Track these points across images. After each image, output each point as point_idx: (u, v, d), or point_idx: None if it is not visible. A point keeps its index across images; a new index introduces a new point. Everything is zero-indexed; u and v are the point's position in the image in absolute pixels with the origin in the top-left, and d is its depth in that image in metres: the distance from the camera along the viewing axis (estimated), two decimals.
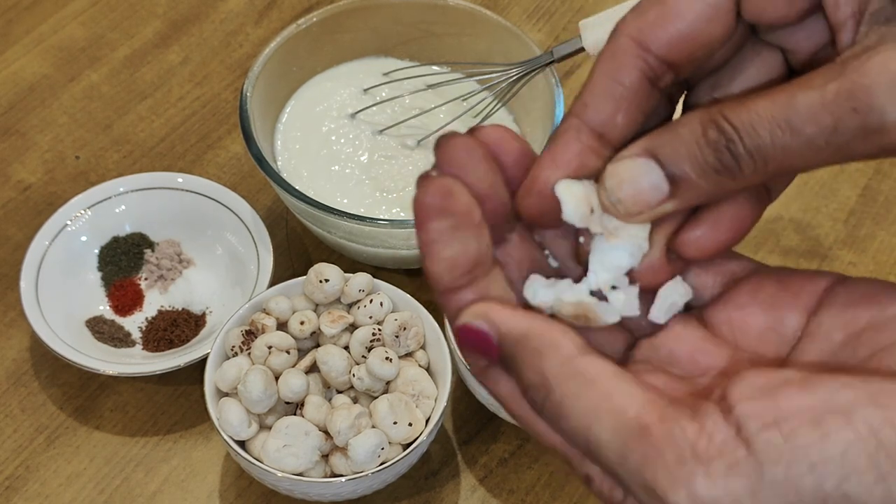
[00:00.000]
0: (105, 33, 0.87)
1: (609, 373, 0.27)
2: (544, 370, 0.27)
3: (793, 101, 0.26)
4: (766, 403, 0.25)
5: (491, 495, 0.64)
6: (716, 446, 0.24)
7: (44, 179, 0.78)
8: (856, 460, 0.23)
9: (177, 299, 0.71)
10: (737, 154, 0.27)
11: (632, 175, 0.29)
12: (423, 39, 0.78)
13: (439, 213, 0.29)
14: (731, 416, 0.25)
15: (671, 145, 0.29)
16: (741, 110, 0.27)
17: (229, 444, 0.58)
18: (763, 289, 0.31)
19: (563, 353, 0.27)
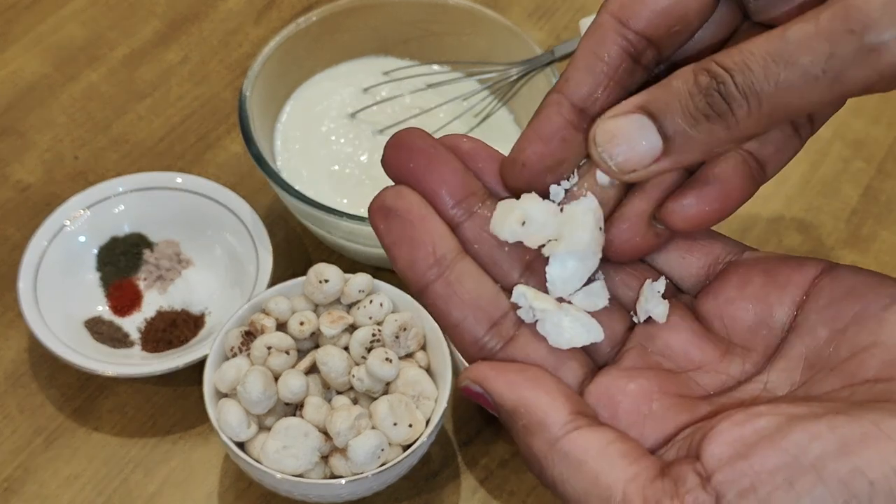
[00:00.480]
0: (104, 33, 0.87)
1: (595, 451, 0.28)
2: (534, 450, 0.29)
3: (786, 34, 0.26)
4: (740, 467, 0.26)
5: (491, 497, 0.64)
6: None
7: (42, 179, 0.78)
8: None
9: (176, 300, 0.70)
10: (728, 95, 0.27)
11: (624, 131, 0.29)
12: (424, 39, 0.78)
13: (387, 212, 0.30)
14: (709, 486, 0.26)
15: (664, 98, 0.28)
16: (733, 52, 0.27)
17: (228, 446, 0.58)
18: (751, 281, 0.31)
19: (551, 434, 0.28)
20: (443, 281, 0.30)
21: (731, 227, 0.75)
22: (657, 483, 0.26)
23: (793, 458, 0.25)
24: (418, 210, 0.31)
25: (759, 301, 0.31)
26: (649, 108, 0.29)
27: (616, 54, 0.30)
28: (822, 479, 0.25)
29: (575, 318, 0.31)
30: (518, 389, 0.29)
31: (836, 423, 0.25)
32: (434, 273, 0.30)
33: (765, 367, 0.30)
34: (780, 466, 0.25)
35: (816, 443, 0.25)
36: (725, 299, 0.32)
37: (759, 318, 0.31)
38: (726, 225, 0.73)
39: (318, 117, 0.76)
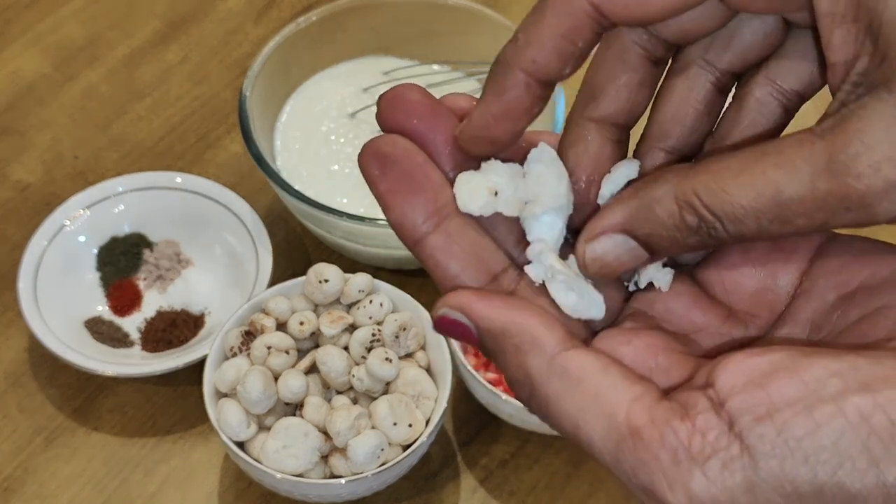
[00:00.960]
0: (104, 32, 0.87)
1: (595, 369, 0.27)
2: (527, 368, 0.27)
3: (779, 197, 0.26)
4: (756, 395, 0.25)
5: (491, 497, 0.64)
6: (710, 444, 0.24)
7: (42, 179, 0.78)
8: (849, 448, 0.23)
9: (176, 300, 0.70)
10: (719, 237, 0.27)
11: (611, 254, 0.29)
12: (424, 38, 0.78)
13: (380, 158, 0.29)
14: (722, 411, 0.25)
15: (649, 226, 0.28)
16: (719, 198, 0.27)
17: (228, 445, 0.58)
18: (755, 248, 0.31)
19: (546, 351, 0.27)
20: (441, 232, 0.29)
21: None
22: (664, 403, 0.25)
23: (812, 390, 0.24)
24: (417, 157, 0.29)
25: (762, 267, 0.31)
26: (633, 231, 0.29)
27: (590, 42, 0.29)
28: (842, 411, 0.24)
29: (582, 289, 0.30)
30: (506, 312, 0.28)
31: (857, 363, 0.25)
32: (432, 224, 0.29)
33: (769, 333, 0.30)
34: (797, 396, 0.24)
35: (836, 378, 0.24)
36: (728, 265, 0.31)
37: (763, 284, 0.31)
38: None
39: (317, 117, 0.76)
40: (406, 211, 0.29)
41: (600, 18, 0.29)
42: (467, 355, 0.64)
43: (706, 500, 0.24)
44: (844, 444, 0.23)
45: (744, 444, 0.24)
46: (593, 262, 0.30)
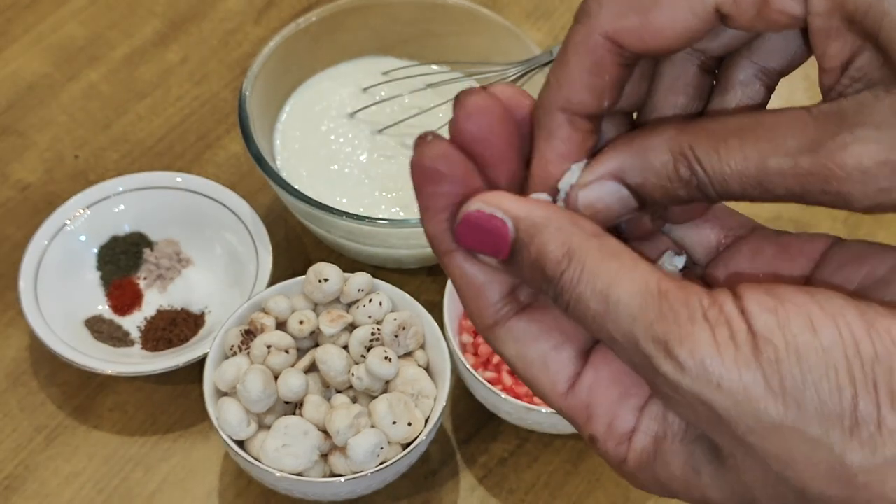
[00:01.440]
0: (104, 32, 0.87)
1: (631, 253, 0.28)
2: (571, 242, 0.28)
3: (765, 165, 0.27)
4: (770, 295, 0.26)
5: (490, 495, 0.64)
6: (724, 317, 0.26)
7: (43, 179, 0.78)
8: (836, 358, 0.25)
9: (176, 299, 0.71)
10: (707, 193, 0.29)
11: (603, 200, 0.30)
12: (423, 39, 0.78)
13: (436, 177, 0.29)
14: (738, 300, 0.26)
15: (641, 173, 0.29)
16: (713, 157, 0.28)
17: (228, 444, 0.58)
18: (761, 252, 0.32)
19: (587, 230, 0.28)
20: None
21: None
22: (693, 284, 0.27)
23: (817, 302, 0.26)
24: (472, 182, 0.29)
25: (769, 270, 0.31)
26: (626, 178, 0.30)
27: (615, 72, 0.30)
28: (837, 325, 0.25)
29: None
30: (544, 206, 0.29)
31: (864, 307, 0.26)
32: None
33: None
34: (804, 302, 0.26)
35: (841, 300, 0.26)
36: (735, 267, 0.32)
37: None
38: None
39: (317, 117, 0.76)
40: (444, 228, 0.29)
41: (619, 50, 0.30)
42: (466, 354, 0.65)
43: (707, 362, 0.26)
44: (833, 354, 0.25)
45: (751, 326, 0.25)
46: (586, 208, 0.30)
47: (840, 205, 0.27)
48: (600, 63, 0.30)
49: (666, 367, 0.26)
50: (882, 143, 0.26)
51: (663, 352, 0.26)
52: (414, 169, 0.29)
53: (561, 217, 0.28)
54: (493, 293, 0.30)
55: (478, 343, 0.66)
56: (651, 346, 0.26)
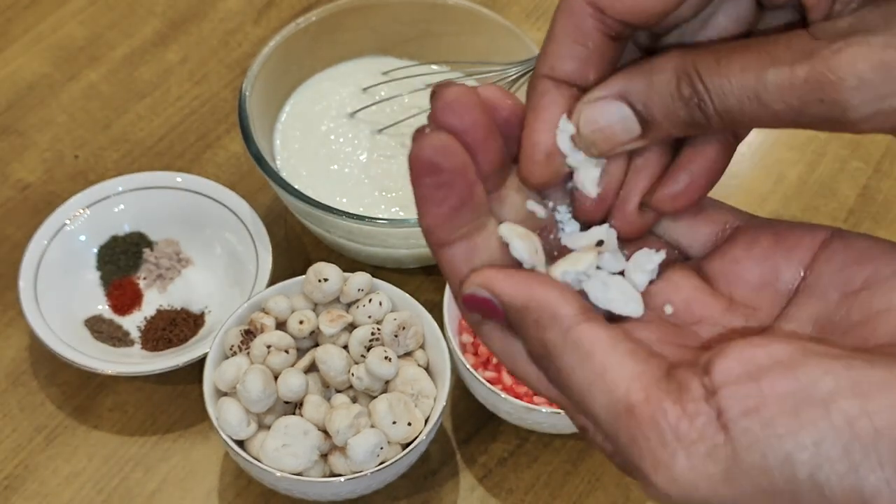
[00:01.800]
0: (104, 32, 0.87)
1: (604, 343, 0.28)
2: (545, 342, 0.28)
3: (763, 76, 0.27)
4: (748, 388, 0.25)
5: (490, 495, 0.64)
6: (696, 430, 0.25)
7: (42, 179, 0.78)
8: (829, 451, 0.24)
9: (176, 299, 0.71)
10: (707, 113, 0.29)
11: (605, 118, 0.30)
12: (422, 38, 0.78)
13: (434, 169, 0.29)
14: (713, 399, 0.25)
15: (645, 93, 0.30)
16: (714, 72, 0.28)
17: (228, 444, 0.58)
18: (758, 242, 0.32)
19: (562, 325, 0.28)
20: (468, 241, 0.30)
21: None
22: (661, 384, 0.26)
23: (803, 387, 0.25)
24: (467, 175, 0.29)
25: (765, 261, 0.31)
26: (630, 98, 0.30)
27: (598, 39, 0.30)
28: (828, 414, 0.24)
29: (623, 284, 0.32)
30: (527, 287, 0.29)
31: (852, 364, 0.25)
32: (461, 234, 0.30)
33: (770, 328, 0.30)
34: (788, 393, 0.25)
35: (829, 378, 0.25)
36: (731, 259, 0.32)
37: (765, 278, 0.31)
38: None
39: (317, 117, 0.76)
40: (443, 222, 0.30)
41: (601, 17, 0.30)
42: (466, 354, 0.65)
43: (686, 485, 0.25)
44: (826, 446, 0.24)
45: (728, 434, 0.25)
46: (589, 130, 0.30)
47: (838, 118, 0.27)
48: (582, 29, 0.30)
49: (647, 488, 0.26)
50: (874, 46, 0.26)
51: (642, 478, 0.26)
52: (412, 161, 0.29)
53: (540, 302, 0.29)
54: None
55: (478, 343, 0.66)
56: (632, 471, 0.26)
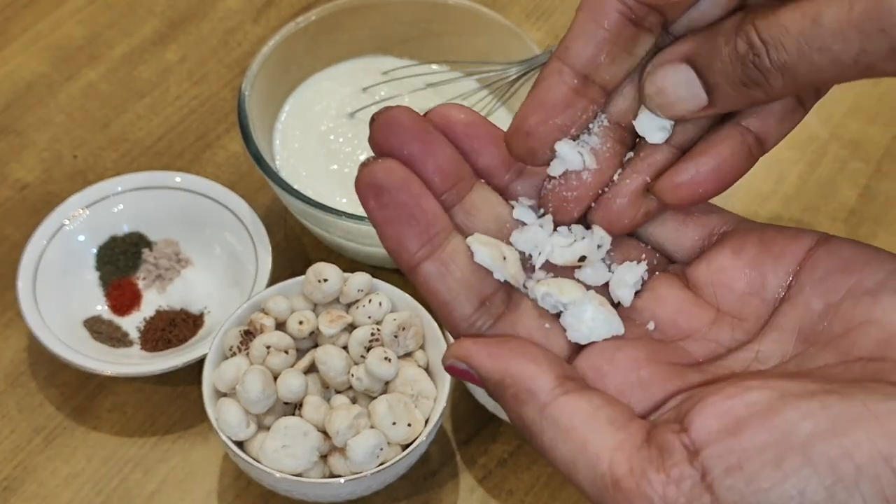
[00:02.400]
0: (103, 32, 0.87)
1: (583, 416, 0.28)
2: (524, 419, 0.28)
3: (819, 18, 0.26)
4: (728, 444, 0.25)
5: (490, 496, 0.64)
6: (684, 495, 0.25)
7: (41, 178, 0.78)
8: (814, 496, 0.24)
9: (175, 299, 0.70)
10: (764, 69, 0.28)
11: (671, 84, 0.30)
12: (423, 38, 0.78)
13: (376, 190, 0.29)
14: (696, 461, 0.26)
15: (707, 55, 0.29)
16: (770, 24, 0.27)
17: (228, 445, 0.58)
18: (745, 249, 0.31)
19: (539, 400, 0.28)
20: (434, 260, 0.30)
21: None
22: (643, 452, 0.26)
23: (782, 435, 0.25)
24: (411, 188, 0.30)
25: (752, 269, 0.31)
26: (695, 61, 0.29)
27: (616, 21, 0.30)
28: (809, 459, 0.25)
29: (597, 310, 0.31)
30: (503, 361, 0.29)
31: (828, 402, 0.25)
32: (426, 251, 0.30)
33: (756, 337, 0.30)
34: (768, 444, 0.25)
35: (807, 422, 0.25)
36: (718, 267, 0.32)
37: (752, 286, 0.31)
38: None
39: (317, 117, 0.76)
40: (401, 240, 0.30)
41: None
42: None
43: None
44: (810, 492, 0.24)
45: (714, 495, 0.25)
46: (655, 93, 0.30)
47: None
48: (604, 10, 0.30)
49: None
50: None
51: None
52: (357, 191, 0.30)
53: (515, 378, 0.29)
54: (463, 307, 0.31)
55: None
56: None
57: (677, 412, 0.28)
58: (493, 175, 0.33)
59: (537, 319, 0.31)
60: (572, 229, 0.33)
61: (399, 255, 0.30)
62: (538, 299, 0.31)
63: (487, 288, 0.31)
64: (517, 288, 0.32)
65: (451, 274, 0.30)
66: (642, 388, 0.29)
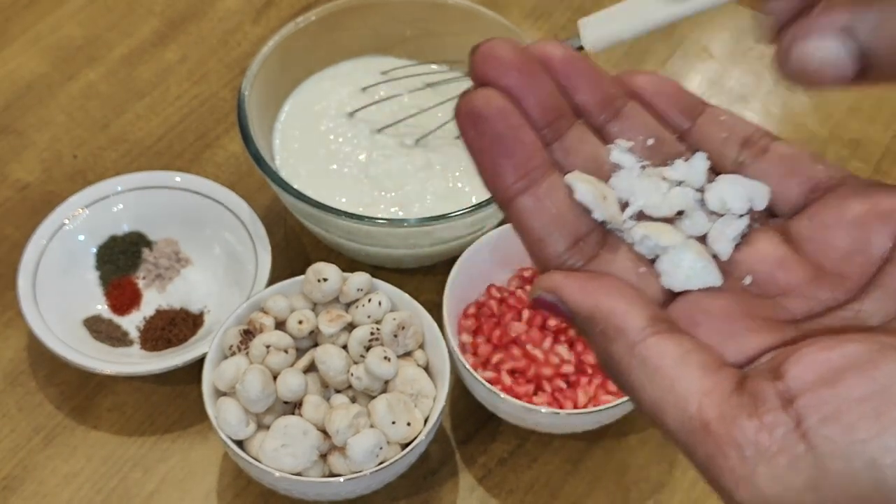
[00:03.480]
0: (102, 32, 0.87)
1: (673, 358, 0.27)
2: (611, 355, 0.28)
3: None
4: (825, 393, 0.24)
5: (490, 495, 0.64)
6: (777, 442, 0.24)
7: (41, 178, 0.78)
8: None
9: (175, 298, 0.71)
10: None
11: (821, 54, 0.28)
12: (422, 38, 0.78)
13: (476, 118, 0.28)
14: (791, 409, 0.25)
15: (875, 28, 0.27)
16: None
17: (227, 444, 0.58)
18: (850, 206, 0.30)
19: (629, 338, 0.27)
20: (531, 194, 0.29)
21: None
22: (734, 398, 0.26)
23: (882, 388, 0.24)
24: (510, 119, 0.29)
25: (857, 228, 0.30)
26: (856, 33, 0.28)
27: None
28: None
29: (696, 258, 0.30)
30: (594, 296, 0.28)
31: None
32: (522, 185, 0.29)
33: (858, 296, 0.29)
34: (867, 396, 0.24)
35: None
36: (821, 223, 0.30)
37: (856, 245, 0.30)
38: None
39: (316, 116, 0.76)
40: (498, 172, 0.29)
41: None
42: (465, 354, 0.64)
43: (771, 498, 0.24)
44: None
45: (810, 443, 0.24)
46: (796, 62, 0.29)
47: None
48: None
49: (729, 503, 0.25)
50: None
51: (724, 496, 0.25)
52: (457, 120, 0.29)
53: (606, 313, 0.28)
54: (556, 245, 0.30)
55: (477, 343, 0.65)
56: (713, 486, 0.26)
57: (771, 364, 0.26)
58: (590, 114, 0.31)
59: (632, 262, 0.30)
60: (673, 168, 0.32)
61: (494, 186, 0.29)
62: (635, 242, 0.30)
63: (583, 227, 0.30)
64: (613, 230, 0.31)
65: (547, 210, 0.29)
66: (735, 341, 0.28)
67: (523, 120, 0.29)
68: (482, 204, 0.66)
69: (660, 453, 0.66)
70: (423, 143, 0.73)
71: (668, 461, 0.65)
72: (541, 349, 0.64)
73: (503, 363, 0.64)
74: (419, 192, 0.71)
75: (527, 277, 0.69)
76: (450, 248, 0.69)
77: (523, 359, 0.64)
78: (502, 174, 0.29)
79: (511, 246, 0.68)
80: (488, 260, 0.67)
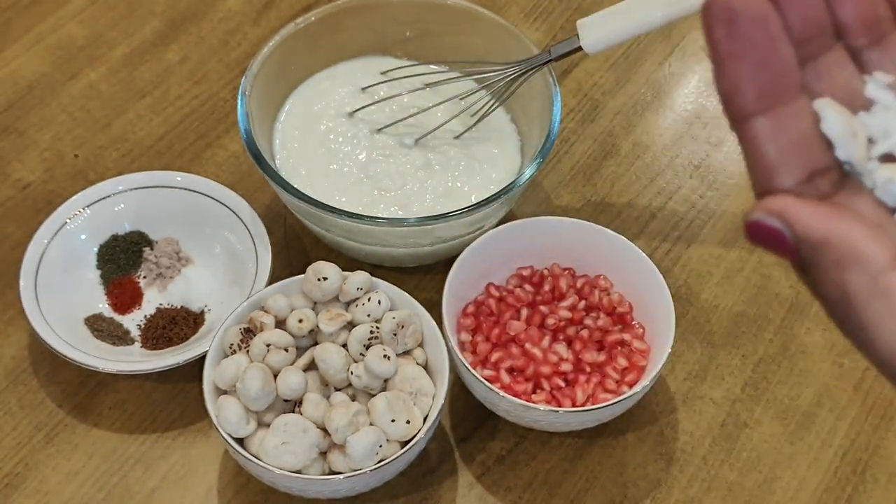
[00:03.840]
0: (104, 32, 0.87)
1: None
2: (846, 286, 0.25)
3: None
4: None
5: (488, 493, 0.65)
6: None
7: (43, 178, 0.78)
8: None
9: (175, 297, 0.71)
10: None
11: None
12: (421, 38, 0.78)
13: (729, 16, 0.25)
14: None
15: None
16: None
17: (228, 442, 0.58)
18: None
19: (870, 269, 0.25)
20: (772, 115, 0.26)
21: (729, 226, 0.75)
22: None
23: None
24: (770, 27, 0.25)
25: None
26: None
27: None
28: None
29: None
30: (828, 221, 0.25)
31: None
32: (764, 104, 0.26)
33: None
34: None
35: None
36: None
37: None
38: (727, 219, 0.73)
39: (316, 116, 0.76)
40: (741, 83, 0.26)
41: None
42: (465, 353, 0.65)
43: None
44: None
45: None
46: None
47: None
48: None
49: None
50: None
51: None
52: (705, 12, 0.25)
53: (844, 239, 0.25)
54: (788, 176, 0.26)
55: (476, 341, 0.66)
56: None
57: None
58: (850, 34, 0.28)
59: (871, 209, 0.27)
60: None
61: (731, 99, 0.26)
62: (877, 187, 0.27)
63: (822, 162, 0.27)
64: (854, 173, 0.27)
65: (787, 135, 0.26)
66: None
67: (782, 32, 0.26)
68: (481, 203, 0.66)
69: (657, 451, 0.66)
70: (422, 143, 0.74)
71: (666, 459, 0.66)
72: (539, 347, 0.65)
73: (502, 361, 0.64)
74: (419, 192, 0.71)
75: (525, 276, 0.69)
76: (449, 247, 0.70)
77: (522, 357, 0.64)
78: (744, 88, 0.26)
79: (510, 245, 0.68)
80: (487, 259, 0.68)
